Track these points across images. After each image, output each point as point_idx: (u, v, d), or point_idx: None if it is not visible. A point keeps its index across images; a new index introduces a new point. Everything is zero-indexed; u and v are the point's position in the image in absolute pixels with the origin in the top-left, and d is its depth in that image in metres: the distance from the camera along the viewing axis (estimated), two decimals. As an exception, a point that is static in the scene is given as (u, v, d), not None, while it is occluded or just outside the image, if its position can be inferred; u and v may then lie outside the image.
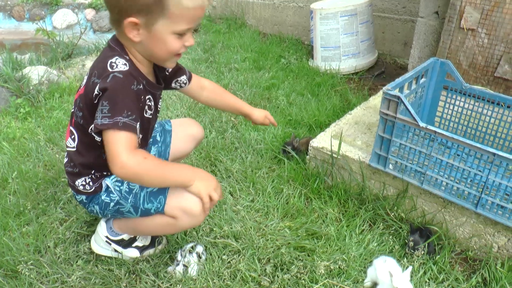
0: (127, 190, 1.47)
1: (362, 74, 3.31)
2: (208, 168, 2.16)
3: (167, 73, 1.63)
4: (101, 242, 1.65)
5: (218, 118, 2.61)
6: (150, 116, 1.49)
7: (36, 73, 2.93)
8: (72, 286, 1.54)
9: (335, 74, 3.24)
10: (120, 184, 1.49)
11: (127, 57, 1.36)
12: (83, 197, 1.53)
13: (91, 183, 1.51)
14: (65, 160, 1.57)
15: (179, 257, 1.61)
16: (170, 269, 1.60)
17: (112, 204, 1.50)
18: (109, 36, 4.59)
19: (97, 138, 1.41)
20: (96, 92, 1.29)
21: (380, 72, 3.33)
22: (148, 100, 1.46)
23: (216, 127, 2.52)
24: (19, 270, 1.58)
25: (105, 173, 1.51)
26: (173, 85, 1.69)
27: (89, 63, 3.25)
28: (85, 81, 1.41)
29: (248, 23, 4.56)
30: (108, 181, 1.50)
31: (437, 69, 1.93)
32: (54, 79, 2.99)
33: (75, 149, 1.49)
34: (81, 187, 1.51)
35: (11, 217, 1.88)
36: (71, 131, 1.51)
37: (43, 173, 2.16)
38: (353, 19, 3.22)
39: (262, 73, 3.27)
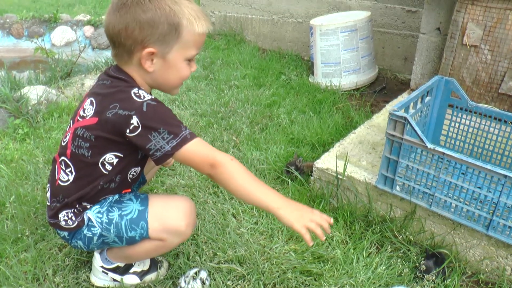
0: (107, 221, 1.43)
1: (363, 90, 3.29)
2: (210, 189, 2.13)
3: None
4: (98, 274, 1.62)
5: (219, 137, 2.58)
6: None
7: (35, 93, 2.90)
8: (72, 316, 1.51)
9: (336, 90, 3.22)
10: (101, 216, 1.44)
11: (142, 88, 1.37)
12: (65, 233, 1.49)
13: (73, 218, 1.46)
14: (49, 195, 1.51)
15: (182, 284, 1.58)
16: (173, 296, 1.57)
17: (95, 238, 1.47)
18: (107, 53, 4.56)
19: (106, 167, 1.41)
20: (134, 124, 1.27)
21: (382, 87, 3.31)
22: None
23: (218, 146, 2.49)
24: (17, 300, 1.54)
25: (88, 206, 1.47)
26: None
27: (88, 82, 3.23)
28: (91, 111, 1.37)
29: (247, 39, 4.56)
30: (90, 213, 1.45)
31: (441, 88, 1.91)
32: (53, 99, 2.96)
33: (69, 182, 1.45)
34: (63, 223, 1.46)
35: (8, 244, 1.83)
36: (65, 163, 1.46)
37: (42, 196, 2.12)
38: (353, 34, 3.22)
39: (263, 90, 3.26)
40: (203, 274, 1.60)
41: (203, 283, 1.58)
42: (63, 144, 1.47)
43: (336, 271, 1.63)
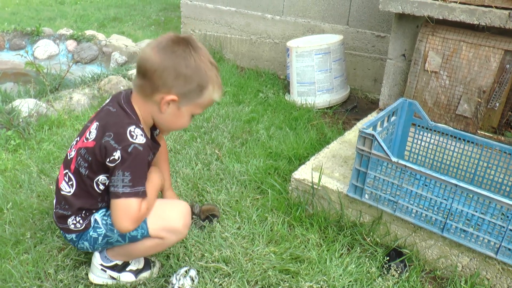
0: (111, 222, 1.58)
1: (336, 109, 3.52)
2: (196, 198, 2.30)
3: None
4: (97, 272, 1.76)
5: (202, 151, 2.76)
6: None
7: (26, 106, 3.03)
8: (74, 309, 1.65)
9: (311, 108, 3.45)
10: (106, 218, 1.63)
11: (141, 126, 1.53)
12: (73, 235, 1.66)
13: (81, 221, 1.64)
14: (54, 201, 1.70)
15: (174, 281, 1.74)
16: (166, 292, 1.73)
17: (100, 238, 1.64)
18: (90, 68, 4.67)
19: (100, 187, 1.59)
20: (115, 157, 1.46)
21: (353, 106, 3.55)
22: (150, 157, 1.65)
23: (202, 159, 2.67)
24: (23, 296, 1.68)
25: (94, 210, 1.65)
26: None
27: (76, 96, 3.37)
28: (92, 134, 1.55)
29: (226, 57, 4.76)
30: (96, 216, 1.63)
31: (405, 109, 2.15)
32: (43, 112, 3.09)
33: (71, 193, 1.63)
34: (72, 226, 1.64)
35: (9, 246, 1.96)
36: (68, 176, 1.63)
37: (38, 203, 2.24)
38: (327, 57, 3.45)
39: (242, 107, 3.46)
40: (193, 272, 1.77)
41: (192, 280, 1.75)
42: (69, 158, 1.65)
43: (312, 270, 1.82)
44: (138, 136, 1.48)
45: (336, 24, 3.86)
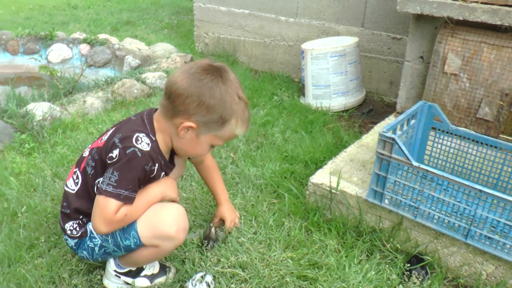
0: None
1: (352, 112, 3.48)
2: (211, 202, 2.27)
3: None
4: (111, 277, 1.74)
5: (217, 154, 2.74)
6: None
7: (40, 109, 3.03)
8: (89, 315, 1.63)
9: (326, 111, 3.41)
10: None
11: (153, 138, 1.51)
12: (72, 242, 1.66)
13: (77, 228, 1.63)
14: (61, 201, 1.69)
15: (189, 286, 1.72)
16: (182, 297, 1.71)
17: (97, 248, 1.62)
18: (104, 71, 4.69)
19: None
20: (113, 154, 1.45)
21: (369, 109, 3.51)
22: (161, 175, 1.63)
23: (217, 162, 2.63)
24: (37, 301, 1.66)
25: (89, 217, 1.61)
26: None
27: (90, 99, 3.36)
28: (106, 136, 1.56)
29: (240, 60, 4.74)
30: (91, 226, 1.60)
31: (425, 112, 2.10)
32: (57, 115, 3.09)
33: (74, 192, 1.63)
34: (68, 232, 1.64)
35: (24, 250, 1.95)
36: (76, 174, 1.64)
37: (52, 207, 2.23)
38: (342, 59, 3.42)
39: (257, 110, 3.43)
40: (209, 278, 1.74)
41: (208, 285, 1.72)
42: (82, 156, 1.65)
43: (330, 276, 1.78)
44: (143, 143, 1.47)
45: (351, 26, 3.82)
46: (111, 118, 3.23)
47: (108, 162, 1.47)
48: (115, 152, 1.45)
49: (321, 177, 2.14)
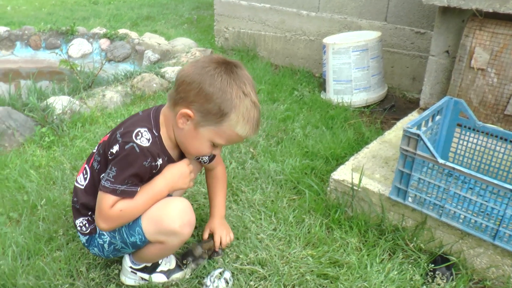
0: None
1: (373, 108, 3.42)
2: (230, 197, 2.24)
3: None
4: (127, 273, 1.73)
5: (237, 149, 2.71)
6: None
7: (60, 103, 3.03)
8: (107, 309, 1.62)
9: (347, 107, 3.35)
10: None
11: (156, 134, 1.48)
12: (84, 239, 1.65)
13: (87, 225, 1.62)
14: (73, 195, 1.68)
15: (208, 282, 1.69)
16: (200, 294, 1.68)
17: (106, 245, 1.60)
18: (123, 66, 4.69)
19: None
20: (113, 150, 1.43)
21: (391, 105, 3.44)
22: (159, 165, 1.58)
23: (236, 157, 2.61)
24: (55, 293, 1.66)
25: None
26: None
27: (109, 93, 3.36)
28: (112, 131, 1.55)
29: (260, 55, 4.70)
30: None
31: (451, 108, 2.03)
32: (77, 109, 3.09)
33: (83, 187, 1.61)
34: (79, 228, 1.63)
35: (43, 243, 1.95)
36: (85, 169, 1.63)
37: (70, 200, 2.22)
38: (365, 54, 3.35)
39: (277, 105, 3.39)
40: (227, 274, 1.71)
41: (227, 282, 1.69)
42: (92, 151, 1.64)
43: (351, 275, 1.74)
44: (143, 139, 1.44)
45: (374, 20, 3.75)
46: (130, 112, 3.23)
47: (109, 157, 1.45)
48: (115, 148, 1.42)
49: (343, 173, 2.09)
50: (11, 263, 1.82)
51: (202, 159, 1.79)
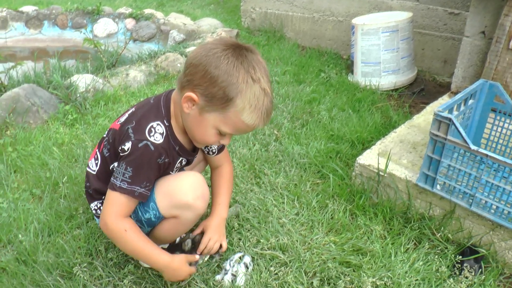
0: None
1: (402, 91, 3.31)
2: (252, 179, 2.20)
3: None
4: None
5: (261, 131, 2.65)
6: (186, 166, 1.60)
7: (83, 81, 3.02)
8: (124, 290, 1.60)
9: (375, 90, 3.25)
10: None
11: (168, 124, 1.44)
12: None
13: (101, 208, 1.58)
14: (85, 179, 1.66)
15: (227, 267, 1.66)
16: (218, 277, 1.64)
17: None
18: (148, 46, 4.67)
19: None
20: (125, 147, 1.38)
21: (420, 89, 3.32)
22: (179, 163, 1.56)
23: (260, 139, 2.56)
24: (74, 272, 1.64)
25: None
26: (203, 148, 1.72)
27: (132, 72, 3.34)
28: (124, 118, 1.50)
29: (287, 35, 4.61)
30: None
31: (485, 91, 1.93)
32: (100, 87, 3.08)
33: (95, 173, 1.59)
34: (93, 211, 1.62)
35: (63, 220, 1.95)
36: (96, 154, 1.59)
37: (91, 179, 2.23)
38: (394, 35, 3.24)
39: (303, 87, 3.31)
40: (247, 259, 1.68)
41: (246, 267, 1.65)
42: (103, 136, 1.60)
43: (375, 264, 1.68)
44: (156, 135, 1.40)
45: (405, 1, 3.62)
46: (153, 91, 3.20)
47: (121, 154, 1.41)
48: (128, 145, 1.38)
49: (369, 158, 2.02)
50: (33, 240, 1.83)
51: (210, 148, 1.72)
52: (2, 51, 5.08)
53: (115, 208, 1.41)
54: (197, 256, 1.61)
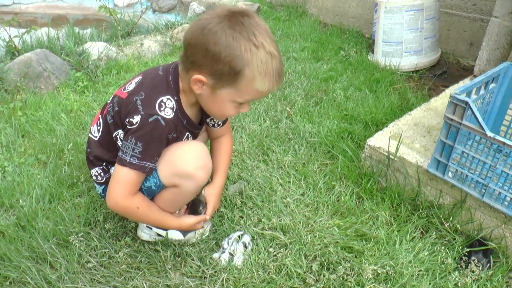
0: None
1: (422, 73, 3.18)
2: (260, 156, 2.14)
3: None
4: (143, 228, 1.68)
5: (273, 107, 2.58)
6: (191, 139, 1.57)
7: (96, 48, 2.98)
8: (119, 262, 1.57)
9: (395, 70, 3.14)
10: None
11: (177, 98, 1.39)
12: (100, 189, 1.61)
13: (102, 174, 1.57)
14: (86, 145, 1.63)
15: (225, 245, 1.62)
16: (215, 255, 1.60)
17: None
18: (167, 17, 4.61)
19: (119, 143, 1.46)
20: (134, 120, 1.33)
21: (442, 72, 3.19)
22: (186, 137, 1.52)
23: (271, 116, 2.49)
24: (70, 241, 1.63)
25: (111, 165, 1.56)
26: (207, 120, 1.67)
27: (147, 42, 3.28)
28: (131, 88, 1.44)
29: (309, 12, 4.48)
30: None
31: (509, 75, 1.82)
32: (113, 56, 3.03)
33: (97, 139, 1.55)
34: (94, 177, 1.59)
35: (65, 188, 1.93)
36: (99, 120, 1.55)
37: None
38: (419, 14, 3.10)
39: (320, 64, 3.22)
40: (246, 238, 1.63)
41: (245, 247, 1.61)
42: (107, 102, 1.56)
43: (378, 251, 1.61)
44: (167, 109, 1.36)
45: (433, -21, 3.45)
46: (167, 62, 3.14)
47: (128, 127, 1.36)
48: (136, 118, 1.33)
49: (380, 140, 1.94)
50: (34, 206, 1.82)
51: (216, 121, 1.67)
52: (23, 16, 5.09)
53: (125, 188, 1.39)
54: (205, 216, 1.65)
